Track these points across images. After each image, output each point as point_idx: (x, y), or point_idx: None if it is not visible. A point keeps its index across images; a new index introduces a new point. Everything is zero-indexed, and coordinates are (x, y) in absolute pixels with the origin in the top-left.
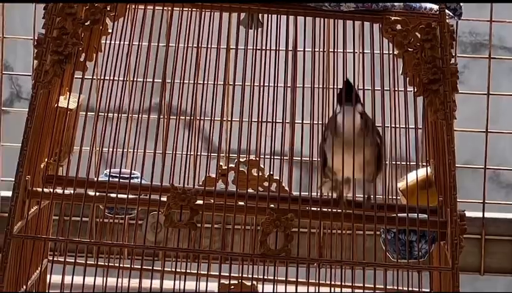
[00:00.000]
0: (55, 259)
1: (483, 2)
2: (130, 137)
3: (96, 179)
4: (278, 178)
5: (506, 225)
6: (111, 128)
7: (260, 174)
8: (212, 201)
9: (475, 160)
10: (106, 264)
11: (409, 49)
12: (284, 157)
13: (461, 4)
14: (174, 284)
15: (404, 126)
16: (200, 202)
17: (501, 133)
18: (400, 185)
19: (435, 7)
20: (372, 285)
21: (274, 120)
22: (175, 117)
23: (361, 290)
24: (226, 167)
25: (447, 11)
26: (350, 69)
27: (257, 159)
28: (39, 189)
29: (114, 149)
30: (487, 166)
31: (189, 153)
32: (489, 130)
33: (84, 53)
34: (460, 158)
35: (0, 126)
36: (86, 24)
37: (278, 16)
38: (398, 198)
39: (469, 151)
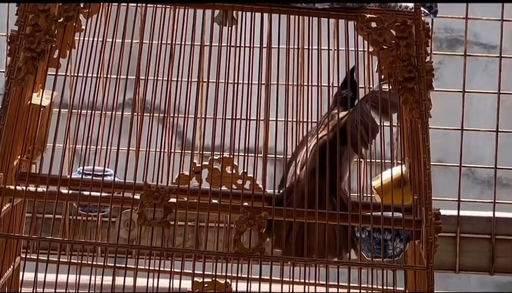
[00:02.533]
0: (28, 256)
1: (459, 2)
2: (103, 133)
3: (69, 176)
4: (252, 176)
5: (481, 223)
6: (84, 125)
7: (234, 172)
8: (186, 199)
9: (447, 157)
10: (80, 261)
11: (385, 47)
12: (259, 155)
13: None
14: (147, 282)
15: (379, 124)
16: (173, 200)
17: (474, 131)
18: (375, 184)
19: (410, 4)
20: (347, 284)
21: (248, 117)
22: (149, 114)
23: (335, 289)
24: (200, 165)
25: (422, 8)
26: (325, 67)
27: (231, 156)
28: (12, 187)
29: (88, 146)
30: (462, 164)
31: (163, 150)
32: (464, 128)
33: (57, 50)
34: (431, 156)
35: None
36: (59, 20)
37: (253, 13)
38: (372, 196)
39: (439, 149)
